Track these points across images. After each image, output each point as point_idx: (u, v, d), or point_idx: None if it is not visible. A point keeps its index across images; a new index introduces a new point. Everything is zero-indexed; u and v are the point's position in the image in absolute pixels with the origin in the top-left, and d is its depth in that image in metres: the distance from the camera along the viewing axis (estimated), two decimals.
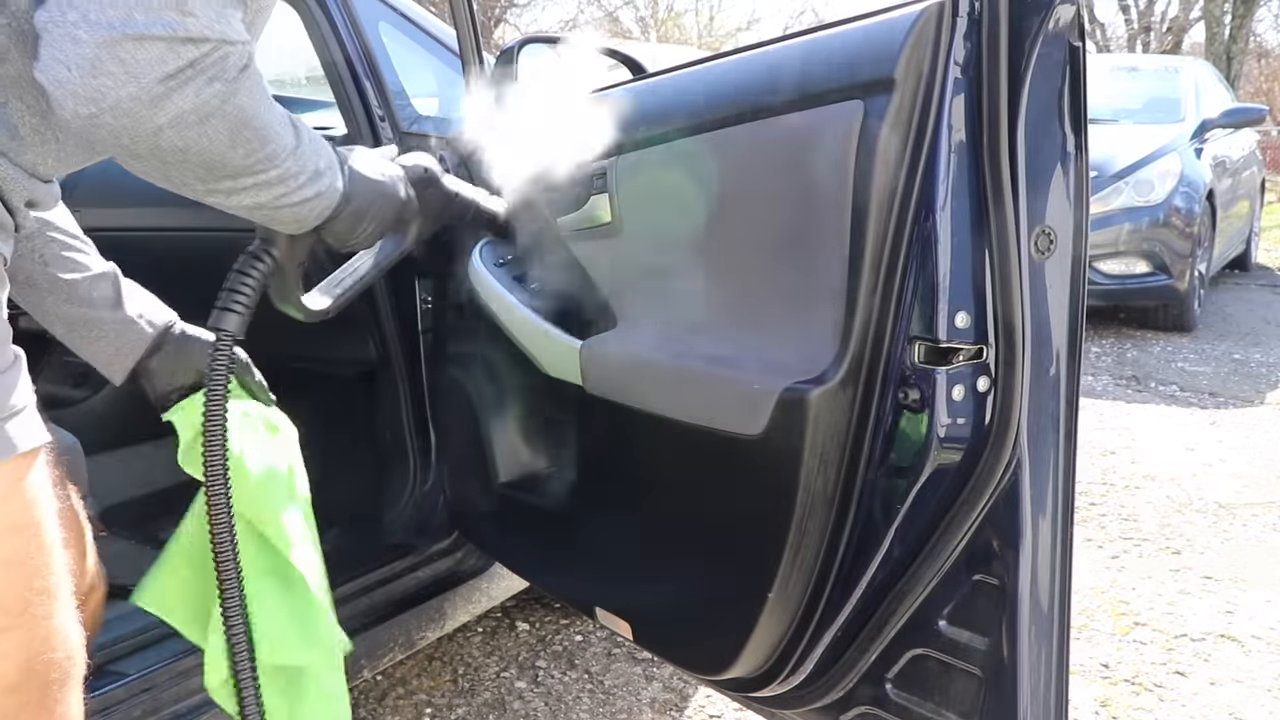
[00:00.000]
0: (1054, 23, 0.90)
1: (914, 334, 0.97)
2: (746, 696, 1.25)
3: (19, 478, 0.79)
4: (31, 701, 0.82)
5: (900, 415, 0.99)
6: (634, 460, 1.33)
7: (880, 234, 0.97)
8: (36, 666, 0.81)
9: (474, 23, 1.62)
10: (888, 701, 1.07)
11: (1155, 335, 5.36)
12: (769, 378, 1.05)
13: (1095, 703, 1.96)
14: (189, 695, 1.34)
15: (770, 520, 1.07)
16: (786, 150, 1.06)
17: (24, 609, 0.80)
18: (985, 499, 0.95)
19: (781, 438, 1.04)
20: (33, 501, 0.80)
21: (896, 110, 0.95)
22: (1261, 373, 4.59)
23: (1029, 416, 0.94)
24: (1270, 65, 25.16)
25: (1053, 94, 0.93)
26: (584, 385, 1.31)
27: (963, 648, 1.00)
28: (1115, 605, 2.37)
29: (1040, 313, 0.94)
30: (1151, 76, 6.70)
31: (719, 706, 1.95)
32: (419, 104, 1.98)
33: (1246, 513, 2.95)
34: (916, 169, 0.95)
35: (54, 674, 0.83)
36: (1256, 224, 7.94)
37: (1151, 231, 5.15)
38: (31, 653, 0.81)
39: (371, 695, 1.99)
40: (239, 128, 0.75)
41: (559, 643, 2.20)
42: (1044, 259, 0.93)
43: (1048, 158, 0.93)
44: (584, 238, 1.35)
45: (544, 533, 1.51)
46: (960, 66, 0.93)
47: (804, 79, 1.04)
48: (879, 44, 0.97)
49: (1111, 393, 4.29)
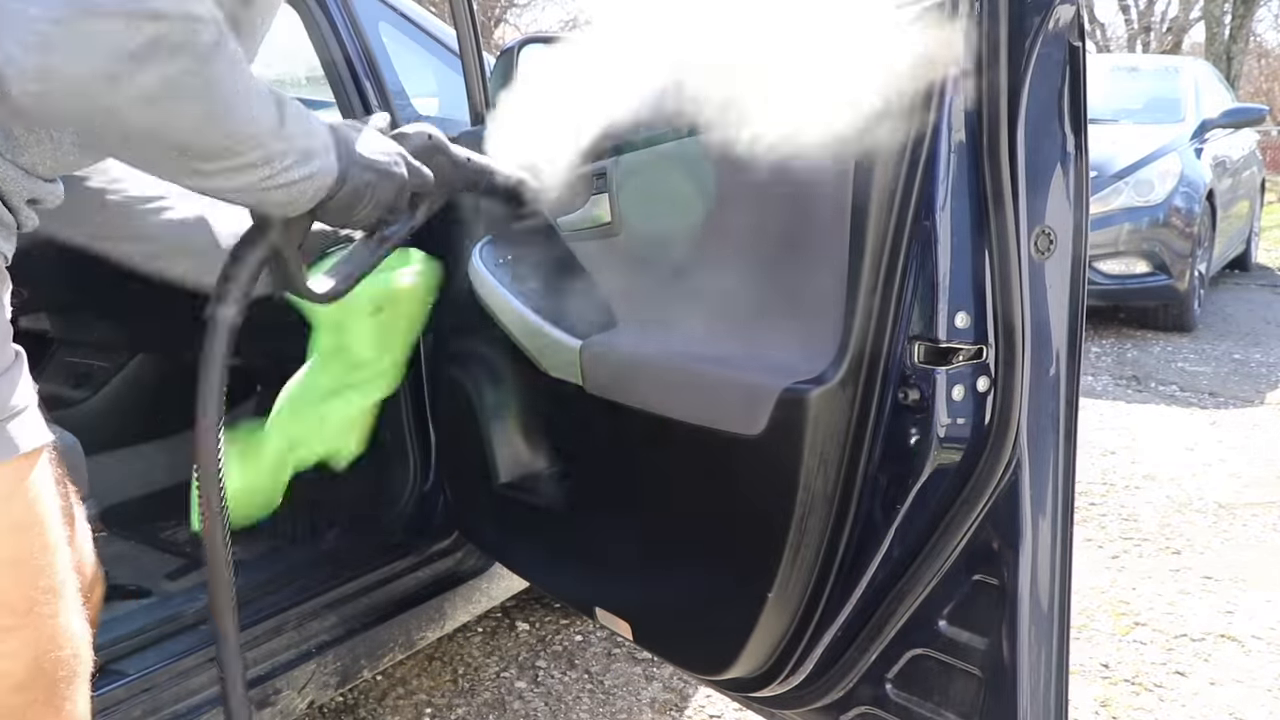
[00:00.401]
0: (1054, 23, 0.90)
1: (914, 334, 0.97)
2: (746, 697, 1.25)
3: (21, 477, 0.79)
4: (39, 700, 0.82)
5: (900, 415, 0.99)
6: (634, 460, 1.33)
7: (880, 234, 0.97)
8: (44, 665, 0.82)
9: (474, 23, 1.62)
10: (888, 702, 1.07)
11: (1155, 335, 5.36)
12: (769, 378, 1.05)
13: (1095, 703, 1.96)
14: (189, 695, 1.34)
15: (770, 520, 1.07)
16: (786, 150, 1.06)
17: (30, 608, 0.80)
18: (985, 499, 0.95)
19: (781, 438, 1.03)
20: (35, 500, 0.81)
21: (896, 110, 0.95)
22: (1261, 373, 4.59)
23: (1029, 416, 0.94)
24: (1270, 65, 25.16)
25: (1052, 94, 0.93)
26: (584, 385, 1.31)
27: (962, 648, 1.00)
28: (1115, 605, 2.37)
29: (1040, 313, 0.94)
30: (1151, 76, 6.70)
31: (719, 706, 1.95)
32: (419, 104, 1.98)
33: (1246, 513, 2.95)
34: (916, 169, 0.95)
35: (61, 672, 0.83)
36: (1256, 224, 7.94)
37: (1151, 231, 5.15)
38: (39, 651, 0.81)
39: (371, 695, 1.99)
40: (213, 107, 0.72)
41: (559, 643, 2.20)
42: (1044, 259, 0.93)
43: (1047, 158, 0.93)
44: (584, 237, 1.35)
45: (544, 533, 1.51)
46: (960, 66, 0.93)
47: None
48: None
49: (1111, 393, 4.29)
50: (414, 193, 1.01)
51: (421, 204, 1.03)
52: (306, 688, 1.49)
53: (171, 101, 0.69)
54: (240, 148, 0.76)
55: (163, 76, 0.67)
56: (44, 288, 1.48)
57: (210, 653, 1.38)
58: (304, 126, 0.83)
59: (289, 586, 1.57)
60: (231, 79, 0.73)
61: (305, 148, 0.82)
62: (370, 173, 0.92)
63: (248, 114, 0.75)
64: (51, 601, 0.82)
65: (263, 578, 1.59)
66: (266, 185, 0.80)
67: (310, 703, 1.51)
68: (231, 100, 0.73)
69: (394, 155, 0.97)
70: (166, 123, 0.71)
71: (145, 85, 0.67)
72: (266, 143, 0.78)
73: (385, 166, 0.94)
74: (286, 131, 0.80)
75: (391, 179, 0.96)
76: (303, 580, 1.59)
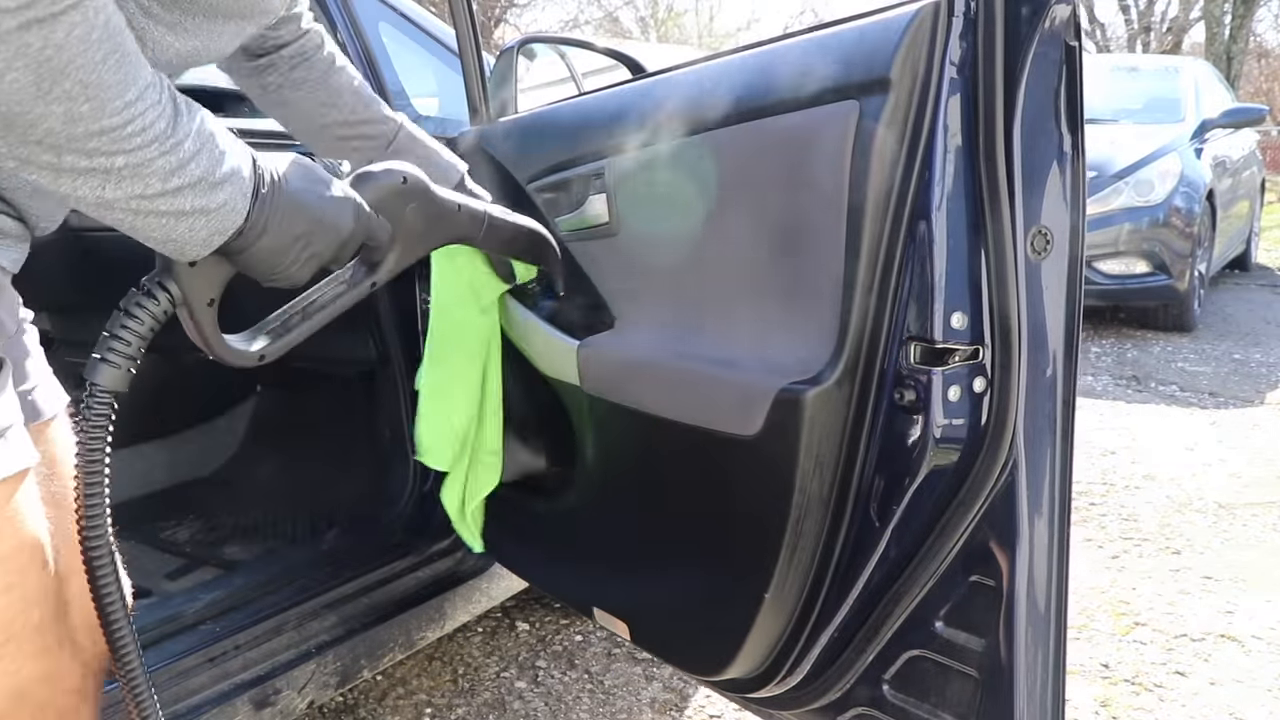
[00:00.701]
0: (1050, 22, 0.90)
1: (910, 334, 0.97)
2: (744, 697, 1.25)
3: (4, 501, 0.75)
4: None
5: (896, 416, 0.99)
6: (631, 461, 1.33)
7: (876, 234, 0.97)
8: (30, 690, 0.78)
9: (474, 23, 1.62)
10: (885, 702, 1.07)
11: (1155, 335, 5.36)
12: (765, 378, 1.05)
13: (1095, 703, 1.96)
14: (189, 695, 1.35)
15: (767, 520, 1.07)
16: (783, 150, 1.06)
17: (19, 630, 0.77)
18: (981, 500, 0.95)
19: (778, 438, 1.04)
20: (21, 524, 0.77)
21: (892, 110, 0.95)
22: (1261, 373, 4.59)
23: (1025, 417, 0.94)
24: (1270, 65, 25.15)
25: (1049, 94, 0.93)
26: (581, 385, 1.32)
27: (959, 649, 1.00)
28: (1115, 605, 2.37)
29: (1036, 313, 0.94)
30: (1151, 76, 6.70)
31: (719, 706, 1.95)
32: (419, 104, 1.98)
33: (1246, 513, 2.95)
34: (912, 169, 0.95)
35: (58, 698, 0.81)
36: (1256, 224, 7.94)
37: (1151, 231, 5.15)
38: (26, 677, 0.78)
39: (371, 695, 2.00)
40: (52, 74, 0.58)
41: (559, 643, 2.20)
42: (1040, 259, 0.93)
43: (1044, 158, 0.93)
44: (581, 238, 1.35)
45: (542, 533, 1.51)
46: (956, 66, 0.93)
47: (800, 79, 1.04)
48: (875, 44, 0.97)
49: (1111, 393, 4.29)
50: (369, 247, 0.87)
51: (383, 260, 0.89)
52: (306, 688, 1.49)
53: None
54: (99, 146, 0.62)
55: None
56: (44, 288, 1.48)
57: (210, 653, 1.39)
58: (210, 146, 0.68)
59: (289, 586, 1.57)
60: (90, 50, 0.59)
61: (204, 174, 0.68)
62: (304, 220, 0.77)
63: (115, 103, 0.62)
64: (45, 623, 0.79)
65: (263, 578, 1.60)
66: (139, 209, 0.66)
67: (310, 703, 1.51)
68: (86, 77, 0.60)
69: (340, 199, 0.81)
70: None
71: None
72: (141, 150, 0.64)
73: (325, 214, 0.79)
74: (181, 146, 0.66)
75: (333, 231, 0.80)
76: (303, 580, 1.59)
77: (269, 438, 2.37)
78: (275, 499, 2.15)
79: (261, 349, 0.85)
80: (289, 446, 2.30)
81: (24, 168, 0.63)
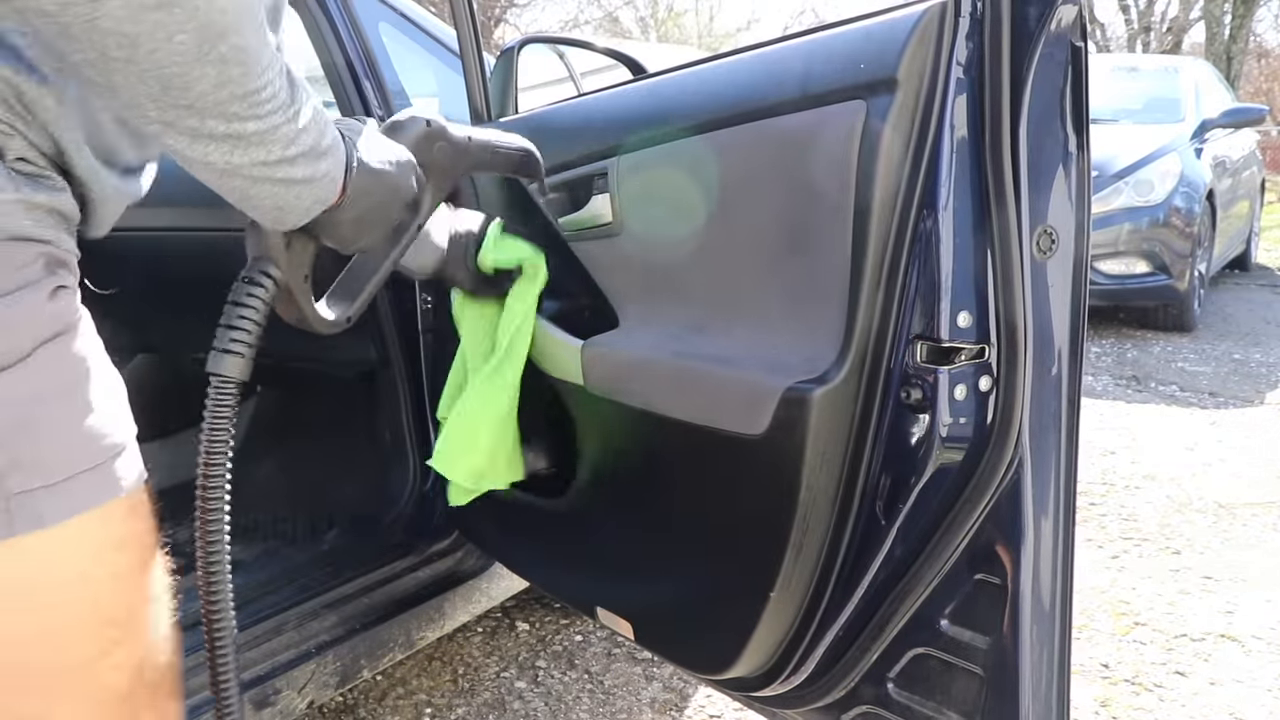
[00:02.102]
0: (1056, 23, 0.90)
1: (916, 334, 0.97)
2: (748, 696, 1.25)
3: (145, 510, 0.78)
4: (143, 704, 0.79)
5: (902, 415, 0.99)
6: (636, 460, 1.33)
7: (882, 234, 0.97)
8: (146, 674, 0.78)
9: (474, 23, 1.62)
10: (890, 701, 1.07)
11: (1155, 335, 5.37)
12: (771, 377, 1.05)
13: (1095, 703, 1.96)
14: (189, 695, 1.34)
15: (772, 519, 1.07)
16: (788, 150, 1.06)
17: (130, 618, 0.77)
18: (987, 498, 0.95)
19: (784, 437, 1.03)
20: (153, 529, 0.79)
21: (899, 110, 0.95)
22: (1261, 373, 4.60)
23: (1031, 416, 0.94)
24: (1270, 65, 25.18)
25: (1055, 94, 0.93)
26: (585, 385, 1.31)
27: (964, 647, 1.00)
28: (1115, 605, 2.37)
29: (1042, 312, 0.94)
30: (1151, 76, 6.71)
31: (719, 706, 1.95)
32: (419, 104, 1.98)
33: (1246, 513, 2.95)
34: (919, 169, 0.95)
35: (162, 679, 0.81)
36: (1256, 224, 7.95)
37: (1151, 231, 5.16)
38: (141, 660, 0.78)
39: (371, 695, 1.99)
40: (213, 38, 0.58)
41: (559, 643, 2.20)
42: (1046, 259, 0.93)
43: (1050, 157, 0.93)
44: (585, 237, 1.35)
45: (544, 532, 1.51)
46: (962, 66, 0.93)
47: (806, 79, 1.04)
48: (881, 44, 0.97)
49: (1112, 393, 4.29)
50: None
51: (422, 201, 0.93)
52: (306, 688, 1.49)
53: (162, 8, 0.56)
54: (239, 111, 0.62)
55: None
56: None
57: None
58: (318, 117, 0.69)
59: (289, 586, 1.57)
60: (242, 17, 0.60)
61: (314, 143, 0.69)
62: (381, 189, 0.80)
63: (257, 69, 0.62)
64: (156, 612, 0.78)
65: (263, 578, 1.60)
66: (260, 175, 0.67)
67: (310, 703, 1.51)
68: (239, 41, 0.60)
69: (403, 164, 0.85)
70: (152, 37, 0.56)
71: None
72: (271, 117, 0.64)
73: (396, 180, 0.83)
74: (300, 115, 0.66)
75: (400, 194, 0.84)
76: (303, 580, 1.59)
77: (269, 438, 2.37)
78: (275, 499, 2.15)
79: (348, 313, 0.91)
80: (289, 447, 2.30)
81: (166, 131, 0.63)
